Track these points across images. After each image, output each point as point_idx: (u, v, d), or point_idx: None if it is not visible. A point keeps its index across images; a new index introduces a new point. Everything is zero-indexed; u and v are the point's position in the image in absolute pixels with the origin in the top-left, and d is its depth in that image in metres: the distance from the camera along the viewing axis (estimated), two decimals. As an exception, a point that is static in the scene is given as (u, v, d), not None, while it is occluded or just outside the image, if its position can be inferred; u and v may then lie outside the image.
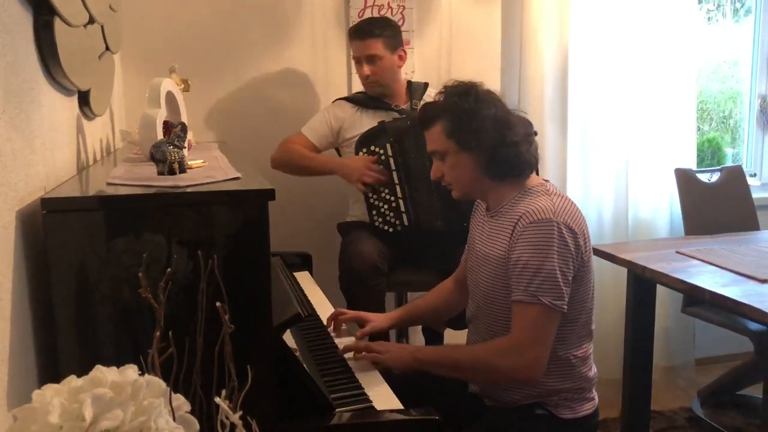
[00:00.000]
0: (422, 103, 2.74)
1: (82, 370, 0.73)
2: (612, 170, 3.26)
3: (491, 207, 1.79)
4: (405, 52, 2.77)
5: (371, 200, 2.58)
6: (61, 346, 1.23)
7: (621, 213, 3.28)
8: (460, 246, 2.04)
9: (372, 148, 2.58)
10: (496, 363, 1.65)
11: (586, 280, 1.70)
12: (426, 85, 2.81)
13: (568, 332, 1.70)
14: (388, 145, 2.56)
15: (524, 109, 3.01)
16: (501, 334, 1.70)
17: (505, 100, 1.77)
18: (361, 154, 2.59)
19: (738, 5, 3.81)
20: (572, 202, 1.70)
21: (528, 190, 1.72)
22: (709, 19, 3.80)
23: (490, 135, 1.67)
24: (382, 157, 2.56)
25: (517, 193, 1.72)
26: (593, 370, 1.78)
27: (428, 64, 3.13)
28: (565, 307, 1.62)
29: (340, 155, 2.81)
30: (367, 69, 2.66)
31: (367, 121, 2.68)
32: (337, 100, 2.80)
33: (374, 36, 2.65)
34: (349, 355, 1.75)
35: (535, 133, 2.49)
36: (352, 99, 2.77)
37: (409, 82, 2.80)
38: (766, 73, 3.69)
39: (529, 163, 1.73)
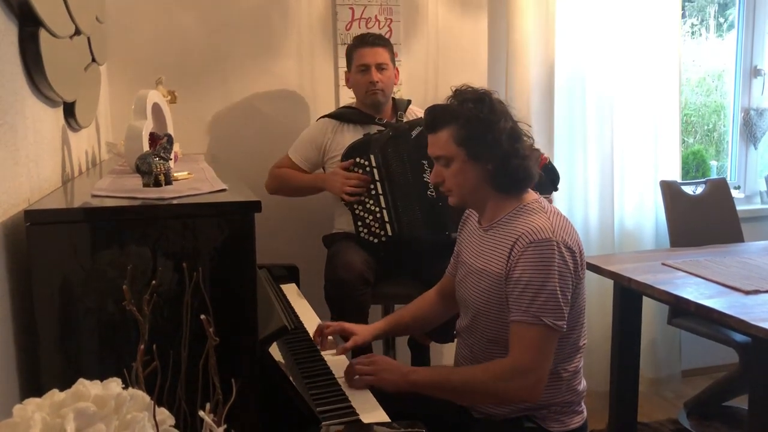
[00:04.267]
0: (405, 116, 2.75)
1: (65, 384, 0.72)
2: (598, 182, 3.28)
3: (485, 220, 1.77)
4: (398, 71, 2.81)
5: (356, 211, 2.59)
6: (44, 359, 1.21)
7: (607, 225, 3.30)
8: (445, 259, 2.04)
9: (358, 159, 2.59)
10: (498, 386, 1.63)
11: (581, 296, 1.70)
12: (409, 102, 2.83)
13: (561, 347, 1.69)
14: (372, 156, 2.57)
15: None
16: (493, 348, 1.70)
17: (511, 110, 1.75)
18: None
19: (721, 20, 3.86)
20: (567, 219, 1.70)
21: (524, 206, 1.70)
22: (693, 33, 3.84)
23: (503, 147, 1.65)
24: (367, 168, 2.57)
25: (514, 207, 1.71)
26: (583, 384, 1.78)
27: (415, 76, 3.14)
28: (565, 326, 1.61)
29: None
30: (377, 75, 2.66)
31: (349, 137, 2.68)
32: (320, 118, 2.79)
33: (383, 46, 2.70)
34: (340, 373, 1.71)
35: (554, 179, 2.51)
36: (335, 115, 2.76)
37: (393, 99, 2.81)
38: (750, 87, 3.73)
39: (533, 177, 1.72)
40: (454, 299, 1.91)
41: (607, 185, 3.28)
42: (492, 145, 1.65)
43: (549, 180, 2.59)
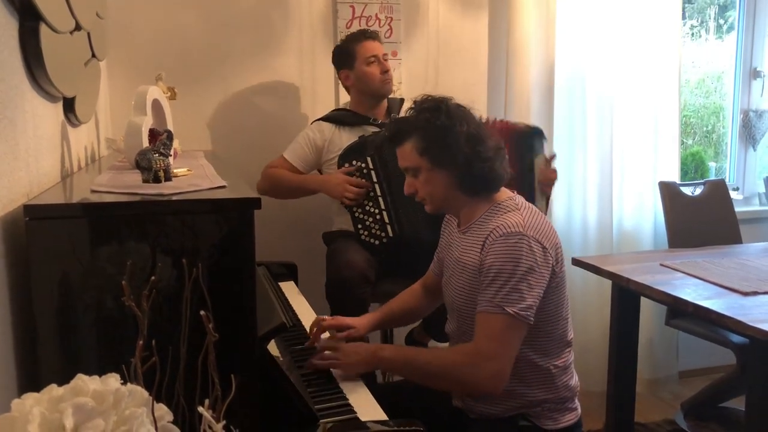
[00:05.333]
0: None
1: (64, 379, 0.72)
2: (597, 182, 3.28)
3: (463, 223, 1.79)
4: None
5: (356, 214, 2.59)
6: (43, 354, 1.21)
7: (605, 225, 3.30)
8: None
9: (354, 162, 2.59)
10: (459, 371, 1.64)
11: (560, 291, 1.71)
12: (402, 100, 2.85)
13: (547, 343, 1.71)
14: (369, 159, 2.57)
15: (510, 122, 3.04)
16: None
17: (491, 112, 1.77)
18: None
19: (721, 21, 3.86)
20: (542, 216, 1.72)
21: (498, 205, 1.73)
22: (693, 34, 3.85)
23: (463, 151, 1.68)
24: (364, 171, 2.57)
25: (488, 208, 1.73)
26: (574, 380, 1.79)
27: (415, 75, 3.14)
28: (532, 318, 1.61)
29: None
30: (387, 64, 2.73)
31: (346, 139, 2.69)
32: (315, 121, 2.80)
33: (380, 40, 2.78)
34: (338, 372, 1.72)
35: (554, 156, 2.55)
36: (330, 118, 2.77)
37: (387, 98, 2.82)
38: (749, 88, 3.73)
39: (502, 178, 1.74)
40: (436, 292, 1.96)
41: (606, 185, 3.28)
42: (452, 152, 1.68)
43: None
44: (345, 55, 2.75)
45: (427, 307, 2.07)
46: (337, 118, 2.76)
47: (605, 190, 3.28)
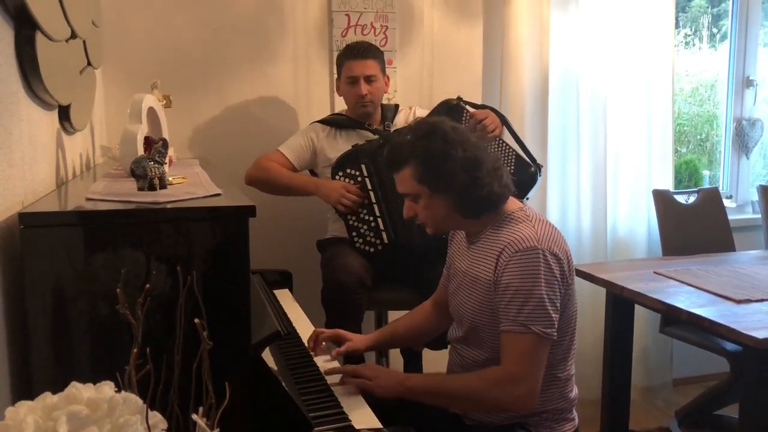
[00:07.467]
0: (393, 125, 2.75)
1: (58, 387, 0.72)
2: (591, 190, 3.29)
3: (471, 235, 1.78)
4: (389, 78, 2.81)
5: (350, 222, 2.59)
6: (36, 362, 1.21)
7: (600, 233, 3.31)
8: (437, 264, 2.04)
9: (348, 170, 2.59)
10: (492, 395, 1.63)
11: (571, 303, 1.70)
12: (396, 107, 2.84)
13: (552, 354, 1.69)
14: (363, 166, 2.57)
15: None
16: (488, 357, 1.70)
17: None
18: (337, 177, 2.60)
19: (714, 30, 3.88)
20: (553, 226, 1.70)
21: (507, 216, 1.70)
22: (686, 43, 3.87)
23: (460, 177, 1.64)
24: (359, 179, 2.58)
25: (495, 221, 1.71)
26: (574, 391, 1.78)
27: (410, 83, 3.15)
28: (555, 334, 1.61)
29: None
30: (365, 88, 2.66)
31: (343, 142, 2.69)
32: (312, 123, 2.80)
33: (372, 57, 2.69)
34: (334, 379, 1.72)
35: (540, 167, 2.53)
36: (328, 121, 2.78)
37: (381, 105, 2.81)
38: (742, 97, 3.75)
39: (502, 196, 1.71)
40: (449, 311, 1.90)
41: (600, 193, 3.29)
42: (448, 178, 1.65)
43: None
44: (337, 66, 2.77)
45: (438, 327, 1.99)
46: (334, 121, 2.77)
47: (599, 198, 3.29)
